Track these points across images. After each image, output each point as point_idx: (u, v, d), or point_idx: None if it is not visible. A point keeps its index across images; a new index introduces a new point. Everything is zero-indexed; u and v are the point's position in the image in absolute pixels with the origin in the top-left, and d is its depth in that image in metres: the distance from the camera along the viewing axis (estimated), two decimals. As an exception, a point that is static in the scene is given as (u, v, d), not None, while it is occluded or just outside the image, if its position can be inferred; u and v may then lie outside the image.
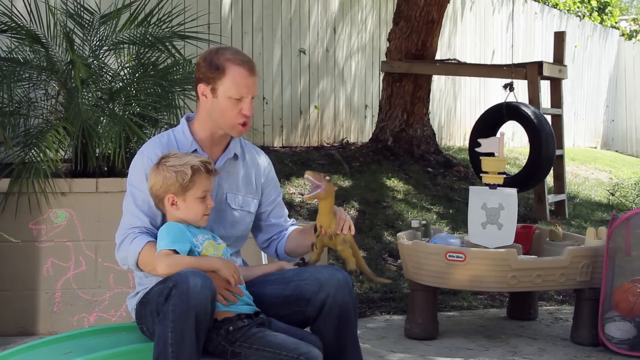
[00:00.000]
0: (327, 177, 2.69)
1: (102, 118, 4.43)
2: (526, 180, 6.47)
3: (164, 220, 2.67)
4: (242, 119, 2.72)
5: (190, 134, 2.78)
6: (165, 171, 2.60)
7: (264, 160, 2.93)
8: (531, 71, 6.88)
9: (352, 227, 2.72)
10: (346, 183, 6.74)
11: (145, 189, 2.66)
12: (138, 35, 4.79)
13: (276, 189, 2.96)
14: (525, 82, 6.97)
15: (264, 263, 4.27)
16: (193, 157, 2.64)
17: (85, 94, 4.46)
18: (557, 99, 7.38)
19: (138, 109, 4.55)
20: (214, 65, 2.70)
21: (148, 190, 2.64)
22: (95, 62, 4.66)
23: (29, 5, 4.69)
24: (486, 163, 4.15)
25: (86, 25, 4.77)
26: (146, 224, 2.64)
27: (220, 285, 2.50)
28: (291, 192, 6.28)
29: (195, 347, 2.42)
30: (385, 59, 7.85)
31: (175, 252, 2.51)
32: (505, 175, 4.42)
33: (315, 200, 2.73)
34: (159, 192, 2.61)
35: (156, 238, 2.58)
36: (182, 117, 4.54)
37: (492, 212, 4.08)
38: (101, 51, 4.75)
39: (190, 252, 2.55)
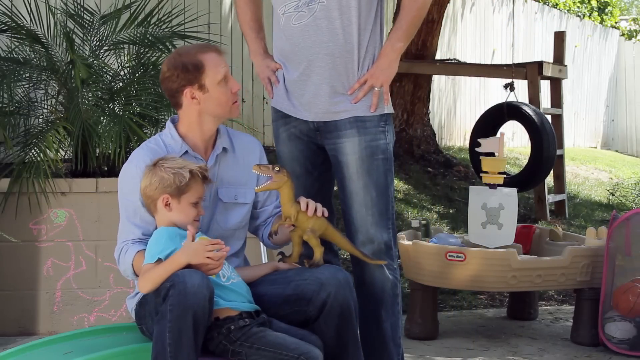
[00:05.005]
0: (277, 168, 2.69)
1: (102, 118, 4.43)
2: (527, 180, 6.48)
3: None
4: (234, 98, 2.76)
5: (179, 137, 2.77)
6: (163, 172, 2.58)
7: (255, 146, 2.91)
8: (531, 71, 6.88)
9: (319, 210, 2.68)
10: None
11: (135, 199, 2.64)
12: (138, 35, 4.79)
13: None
14: (525, 82, 6.97)
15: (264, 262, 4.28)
16: (191, 163, 2.64)
17: (85, 94, 4.46)
18: (557, 99, 7.39)
19: (138, 109, 4.55)
20: (190, 65, 2.71)
21: (140, 191, 2.61)
22: (95, 62, 4.66)
23: (29, 5, 4.68)
24: (486, 163, 4.15)
25: (86, 25, 4.76)
26: (138, 235, 2.64)
27: (205, 269, 2.48)
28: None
29: (193, 347, 2.41)
30: (385, 59, 7.83)
31: (160, 261, 2.49)
32: (505, 175, 4.42)
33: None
34: (153, 192, 2.58)
35: None
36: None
37: (492, 212, 4.08)
38: (101, 51, 4.75)
39: None
